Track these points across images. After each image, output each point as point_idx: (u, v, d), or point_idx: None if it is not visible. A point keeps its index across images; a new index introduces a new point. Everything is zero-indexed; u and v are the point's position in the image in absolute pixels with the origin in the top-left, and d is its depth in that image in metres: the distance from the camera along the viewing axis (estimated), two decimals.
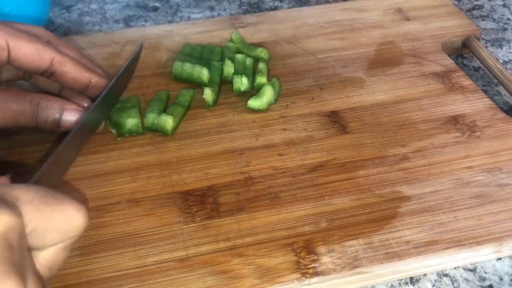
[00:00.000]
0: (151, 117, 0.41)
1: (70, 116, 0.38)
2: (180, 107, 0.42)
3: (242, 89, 0.44)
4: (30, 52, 0.35)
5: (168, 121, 0.40)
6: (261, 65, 0.46)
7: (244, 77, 0.44)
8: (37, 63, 0.36)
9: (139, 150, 0.40)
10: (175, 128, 0.41)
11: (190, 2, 0.63)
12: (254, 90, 0.45)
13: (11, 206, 0.21)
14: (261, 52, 0.49)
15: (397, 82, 0.46)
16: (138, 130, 0.41)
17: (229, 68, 0.46)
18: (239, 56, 0.47)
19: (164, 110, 0.42)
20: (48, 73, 0.37)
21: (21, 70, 0.38)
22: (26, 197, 0.22)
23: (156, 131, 0.41)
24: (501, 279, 0.33)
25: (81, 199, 0.23)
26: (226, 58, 0.47)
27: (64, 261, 0.25)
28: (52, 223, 0.23)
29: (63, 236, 0.24)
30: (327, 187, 0.37)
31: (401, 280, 0.33)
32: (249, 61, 0.47)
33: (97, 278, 0.31)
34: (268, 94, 0.43)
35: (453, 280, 0.33)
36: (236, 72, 0.45)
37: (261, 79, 0.45)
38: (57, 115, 0.38)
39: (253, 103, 0.43)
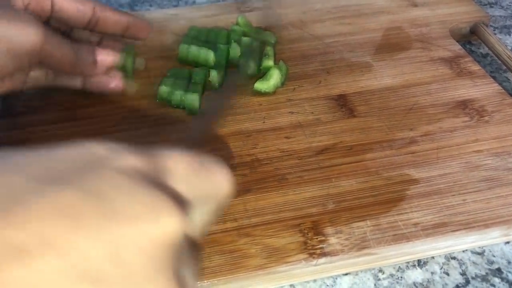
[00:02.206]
0: (178, 94, 0.41)
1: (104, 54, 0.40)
2: (200, 86, 0.42)
3: (248, 72, 0.44)
4: (73, 0, 0.38)
5: (194, 99, 0.40)
6: (268, 49, 0.46)
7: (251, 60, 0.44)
8: (81, 12, 0.38)
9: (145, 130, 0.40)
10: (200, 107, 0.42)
11: None
12: (261, 74, 0.44)
13: (179, 201, 0.18)
14: (268, 36, 0.48)
15: (405, 66, 0.46)
16: (168, 99, 0.41)
17: (235, 50, 0.45)
18: (245, 39, 0.47)
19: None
20: (93, 23, 0.39)
21: (66, 24, 0.39)
22: (179, 165, 0.19)
23: (182, 108, 0.41)
24: (509, 262, 0.33)
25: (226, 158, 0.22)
26: (232, 41, 0.46)
27: (210, 223, 0.22)
28: (201, 194, 0.20)
29: (211, 204, 0.21)
30: (334, 169, 0.36)
31: (408, 262, 0.33)
32: (255, 44, 0.47)
33: None
34: (275, 77, 0.43)
35: (461, 263, 0.33)
36: (243, 55, 0.45)
37: (268, 62, 0.44)
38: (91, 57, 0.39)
39: (260, 86, 0.42)
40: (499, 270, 0.33)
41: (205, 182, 0.20)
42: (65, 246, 0.14)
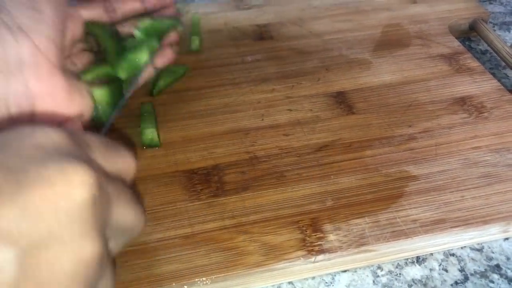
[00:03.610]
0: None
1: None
2: (151, 116, 0.40)
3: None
4: None
5: (153, 132, 0.38)
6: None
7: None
8: None
9: None
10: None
11: None
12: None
13: (88, 162, 0.21)
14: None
15: (404, 63, 0.46)
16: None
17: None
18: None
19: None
20: None
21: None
22: (95, 144, 0.23)
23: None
24: (508, 258, 0.33)
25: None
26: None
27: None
28: (115, 168, 0.24)
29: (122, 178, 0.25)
30: (333, 166, 0.36)
31: (407, 259, 0.33)
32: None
33: None
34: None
35: (460, 260, 0.33)
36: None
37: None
38: None
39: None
40: (498, 266, 0.33)
41: (116, 158, 0.24)
42: None
